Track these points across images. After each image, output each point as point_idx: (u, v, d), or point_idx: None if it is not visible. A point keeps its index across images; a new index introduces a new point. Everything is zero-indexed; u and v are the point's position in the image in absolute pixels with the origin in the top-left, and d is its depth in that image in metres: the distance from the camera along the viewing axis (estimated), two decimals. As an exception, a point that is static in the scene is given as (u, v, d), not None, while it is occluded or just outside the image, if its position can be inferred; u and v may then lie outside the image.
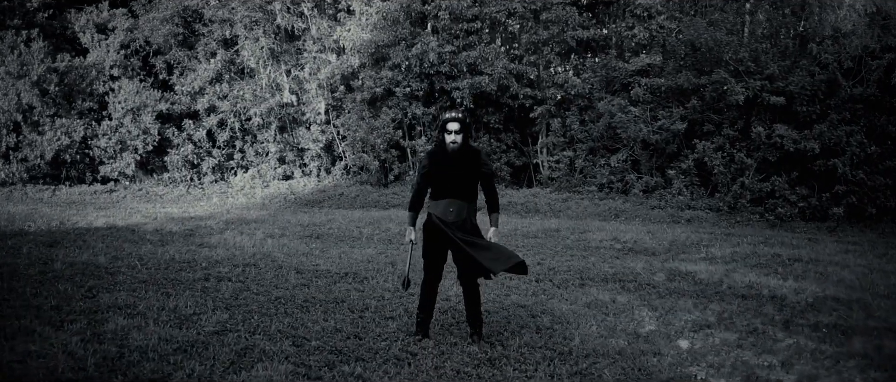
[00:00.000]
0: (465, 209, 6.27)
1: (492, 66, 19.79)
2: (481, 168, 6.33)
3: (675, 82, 18.05)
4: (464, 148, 6.25)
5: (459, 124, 6.19)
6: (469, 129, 6.40)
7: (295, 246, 11.98)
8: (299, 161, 22.14)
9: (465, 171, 6.25)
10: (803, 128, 16.73)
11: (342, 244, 12.39)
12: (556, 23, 19.85)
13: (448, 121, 6.21)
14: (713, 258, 11.95)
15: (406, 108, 20.53)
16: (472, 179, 6.30)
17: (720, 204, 16.84)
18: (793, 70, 16.92)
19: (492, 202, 6.50)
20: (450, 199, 6.22)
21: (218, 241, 12.25)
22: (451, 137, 6.18)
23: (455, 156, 6.22)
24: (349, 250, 11.60)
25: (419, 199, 6.48)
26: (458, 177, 6.22)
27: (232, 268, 9.58)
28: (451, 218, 6.21)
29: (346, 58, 21.10)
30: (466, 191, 6.26)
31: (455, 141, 6.19)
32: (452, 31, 20.43)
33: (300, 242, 12.47)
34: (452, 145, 6.20)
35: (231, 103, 21.47)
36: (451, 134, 6.18)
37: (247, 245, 11.89)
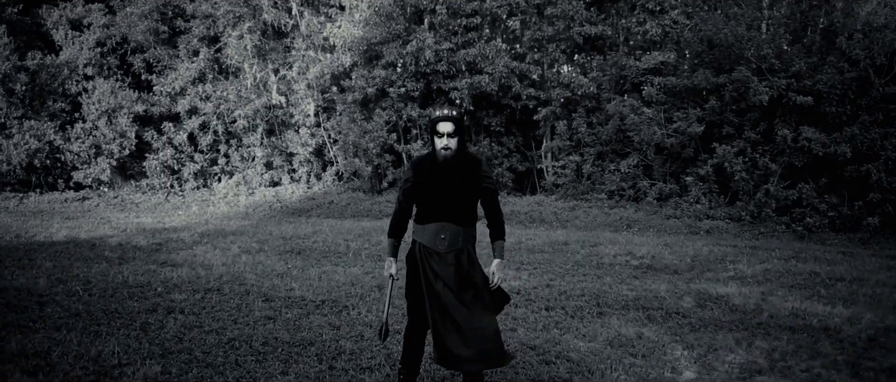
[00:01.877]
0: (461, 235, 4.86)
1: (493, 65, 18.42)
2: (482, 182, 4.88)
3: (692, 81, 16.64)
4: (460, 155, 4.82)
5: (453, 124, 4.72)
6: (466, 132, 4.94)
7: (271, 264, 10.59)
8: (287, 166, 20.78)
9: (461, 186, 4.83)
10: (833, 131, 15.32)
11: (325, 261, 10.99)
12: (562, 18, 18.47)
13: (439, 120, 4.74)
14: (743, 277, 10.56)
15: (401, 110, 19.17)
16: (470, 197, 4.89)
17: (742, 213, 15.43)
18: (820, 67, 15.51)
19: (495, 226, 5.06)
20: (441, 223, 4.82)
21: (185, 258, 10.86)
22: (443, 141, 4.73)
23: (448, 167, 4.79)
24: (332, 270, 10.20)
25: (401, 222, 5.03)
26: (451, 193, 4.82)
27: (190, 295, 8.18)
28: (443, 247, 4.81)
29: (336, 56, 19.74)
30: (462, 213, 4.86)
31: (448, 146, 4.74)
32: (450, 27, 19.06)
33: (278, 259, 11.08)
34: (445, 151, 4.74)
35: (214, 104, 20.10)
36: (443, 137, 4.72)
37: (217, 263, 10.50)
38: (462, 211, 4.84)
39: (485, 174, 4.91)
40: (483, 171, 4.90)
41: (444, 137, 4.72)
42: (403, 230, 5.06)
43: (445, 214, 4.81)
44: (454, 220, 4.82)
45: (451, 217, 4.82)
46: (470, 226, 4.90)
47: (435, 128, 4.76)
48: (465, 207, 4.85)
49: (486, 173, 4.92)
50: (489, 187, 4.92)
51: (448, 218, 4.81)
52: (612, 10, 19.25)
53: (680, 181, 17.02)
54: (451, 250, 4.81)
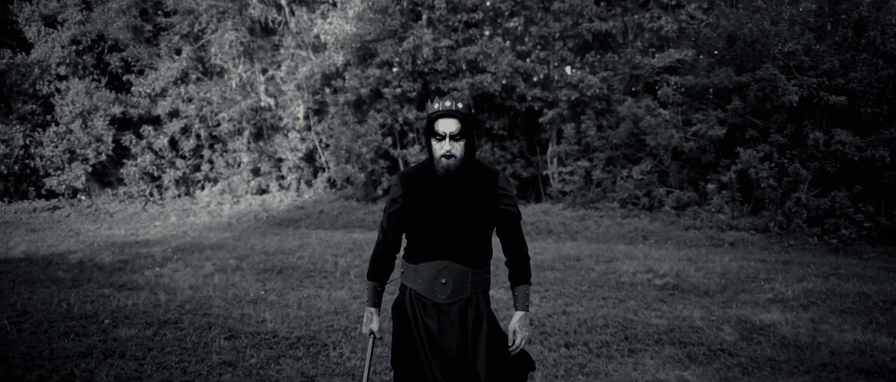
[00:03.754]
0: (469, 279, 3.49)
1: (496, 64, 17.11)
2: (500, 203, 3.52)
3: (713, 81, 15.30)
4: (468, 166, 3.46)
5: (459, 123, 3.37)
6: (475, 133, 3.59)
7: (246, 286, 9.26)
8: (276, 172, 19.45)
9: (471, 210, 3.47)
10: (868, 133, 14.00)
11: (308, 282, 9.66)
12: (570, 14, 17.17)
13: (439, 116, 3.37)
14: (784, 300, 9.24)
15: (396, 112, 17.86)
16: (483, 224, 3.52)
17: (770, 223, 14.09)
18: (853, 64, 14.18)
19: (517, 266, 3.66)
20: (441, 262, 3.45)
21: (149, 280, 9.53)
22: (445, 146, 3.36)
23: (452, 182, 3.44)
24: (314, 293, 8.87)
25: (385, 260, 3.69)
26: (456, 219, 3.45)
27: (140, 331, 6.84)
28: (444, 296, 3.45)
29: (328, 54, 18.44)
30: (471, 247, 3.50)
31: (451, 153, 3.37)
32: (450, 22, 17.75)
33: (255, 279, 9.75)
34: (447, 161, 3.38)
35: (197, 107, 18.78)
36: (445, 140, 3.36)
37: (183, 285, 9.17)
38: (471, 244, 3.49)
39: (504, 192, 3.54)
40: (501, 188, 3.53)
41: (447, 140, 3.35)
42: (389, 270, 3.73)
43: (448, 250, 3.46)
44: (460, 258, 3.46)
45: (456, 253, 3.46)
46: (481, 266, 3.54)
47: (433, 127, 3.39)
48: (475, 239, 3.50)
49: (506, 191, 3.55)
50: (510, 210, 3.56)
51: (451, 254, 3.45)
52: (622, 5, 17.93)
53: (699, 188, 15.70)
54: (455, 300, 3.46)
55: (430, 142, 3.42)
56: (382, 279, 3.68)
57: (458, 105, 3.36)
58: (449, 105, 3.34)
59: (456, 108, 3.34)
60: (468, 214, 3.45)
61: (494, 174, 3.53)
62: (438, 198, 3.44)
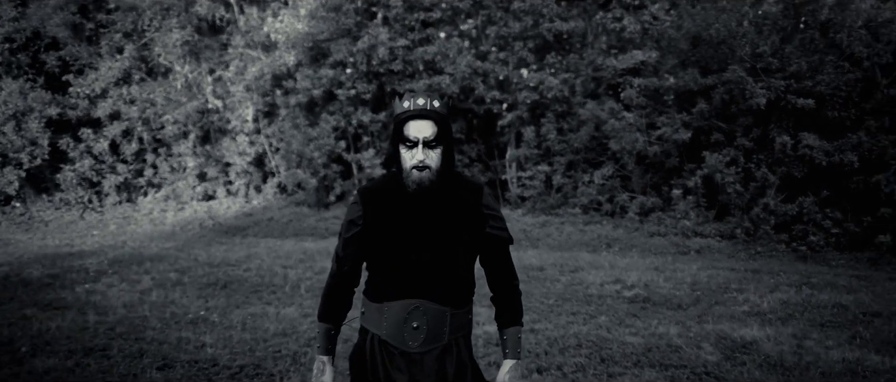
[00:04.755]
0: (447, 322, 2.80)
1: (454, 65, 16.49)
2: (486, 224, 2.86)
3: (678, 83, 14.85)
4: (444, 179, 2.78)
5: (434, 125, 2.69)
6: (452, 137, 2.86)
7: (186, 304, 8.49)
8: (223, 178, 18.57)
9: (449, 234, 2.79)
10: (835, 137, 13.66)
11: (255, 298, 8.92)
12: (530, 13, 16.62)
13: (409, 117, 2.69)
14: (761, 313, 8.78)
15: (350, 115, 17.13)
16: (465, 252, 2.84)
17: (736, 230, 13.68)
18: (820, 67, 13.83)
19: (506, 303, 2.99)
20: (412, 301, 2.77)
21: (78, 297, 8.71)
22: (418, 155, 2.68)
23: (426, 200, 2.76)
24: (261, 311, 8.14)
25: (340, 296, 2.99)
26: (431, 247, 2.77)
27: (61, 360, 6.06)
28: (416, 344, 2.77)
29: (278, 54, 17.64)
30: (450, 282, 2.81)
31: (424, 163, 2.69)
32: (407, 21, 17.09)
33: (197, 295, 8.99)
34: (420, 173, 2.70)
35: (140, 108, 17.84)
36: (417, 147, 2.69)
37: (117, 303, 8.37)
38: (450, 278, 2.80)
39: (490, 212, 2.88)
40: (487, 207, 2.88)
41: (419, 148, 2.68)
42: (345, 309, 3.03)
43: (421, 285, 2.78)
44: (436, 296, 2.78)
45: (431, 290, 2.78)
46: (462, 306, 2.86)
47: (402, 132, 2.71)
48: (454, 272, 2.81)
49: (493, 210, 2.90)
50: (498, 235, 2.90)
51: (425, 291, 2.77)
52: (582, 6, 17.41)
53: (663, 194, 15.25)
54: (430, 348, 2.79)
55: (397, 149, 2.75)
56: (337, 320, 2.99)
57: (434, 103, 2.69)
58: (422, 103, 2.68)
59: (431, 107, 2.68)
60: (446, 240, 2.78)
61: (478, 189, 2.87)
62: (409, 220, 2.77)
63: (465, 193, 2.82)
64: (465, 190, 2.83)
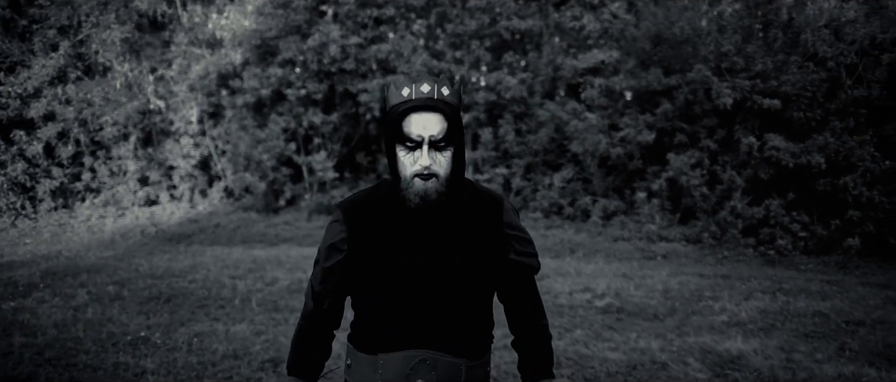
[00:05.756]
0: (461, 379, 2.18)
1: (408, 63, 15.88)
2: (509, 249, 2.26)
3: (640, 82, 14.44)
4: (454, 189, 2.16)
5: (444, 120, 2.05)
6: (463, 135, 2.21)
7: (126, 321, 7.74)
8: (166, 182, 17.67)
9: (462, 264, 2.16)
10: (800, 138, 13.39)
11: (202, 314, 8.20)
12: (487, 11, 16.10)
13: (411, 108, 2.03)
14: (741, 323, 8.38)
15: (301, 115, 16.42)
16: (482, 287, 2.23)
17: (702, 234, 13.31)
18: (785, 66, 13.54)
19: (536, 346, 2.37)
20: (416, 352, 2.14)
21: (4, 316, 7.89)
22: (422, 160, 2.04)
23: (430, 217, 2.15)
24: (209, 329, 7.43)
25: (316, 342, 2.35)
26: (439, 281, 2.14)
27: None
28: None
29: (224, 52, 16.83)
30: (464, 326, 2.20)
31: (431, 170, 2.05)
32: (359, 18, 16.43)
33: (137, 311, 8.23)
34: (425, 183, 2.06)
35: (76, 109, 16.84)
36: (421, 149, 2.05)
37: (48, 322, 7.58)
38: (463, 321, 2.19)
39: (514, 232, 2.28)
40: (509, 226, 2.28)
41: (424, 150, 2.06)
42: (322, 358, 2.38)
43: (426, 331, 2.16)
44: (446, 345, 2.16)
45: (440, 337, 2.16)
46: (479, 356, 2.25)
47: (401, 128, 2.07)
48: (469, 313, 2.20)
49: (517, 230, 2.30)
50: (524, 262, 2.29)
51: (432, 340, 2.15)
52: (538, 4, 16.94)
53: (625, 196, 14.83)
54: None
55: (393, 152, 2.11)
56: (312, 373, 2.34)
57: (443, 90, 2.07)
58: (428, 90, 2.05)
59: (439, 96, 2.06)
60: (459, 271, 2.15)
61: (497, 203, 2.26)
62: (409, 245, 2.15)
63: (480, 208, 2.21)
64: (480, 204, 2.22)
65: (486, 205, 2.22)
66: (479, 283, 2.17)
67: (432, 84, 2.06)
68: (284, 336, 7.17)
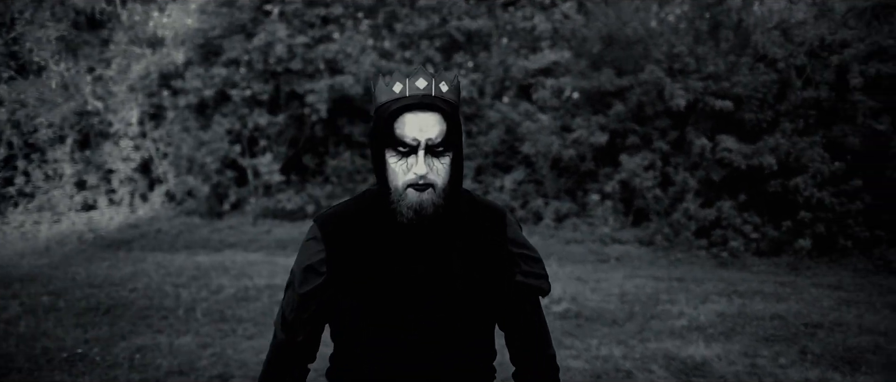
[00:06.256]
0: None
1: (357, 64, 15.54)
2: (515, 269, 1.99)
3: (592, 83, 14.33)
4: (453, 202, 1.86)
5: (443, 121, 1.79)
6: (462, 140, 1.91)
7: (61, 334, 7.29)
8: (105, 186, 17.00)
9: (462, 286, 1.87)
10: (751, 140, 13.42)
11: (144, 326, 7.78)
12: (437, 10, 15.85)
13: (405, 107, 1.76)
14: (700, 327, 8.28)
15: (246, 117, 15.95)
16: (483, 314, 1.94)
17: (656, 236, 13.25)
18: (737, 68, 13.56)
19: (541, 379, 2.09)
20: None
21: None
22: (418, 167, 1.76)
23: (424, 235, 1.87)
24: (152, 342, 7.03)
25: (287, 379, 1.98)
26: (435, 307, 1.85)
27: None
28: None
29: (166, 51, 16.28)
30: (465, 360, 1.91)
31: (427, 179, 1.78)
32: (306, 17, 16.04)
33: (75, 324, 7.78)
34: (420, 195, 1.79)
35: (9, 109, 16.11)
36: (415, 154, 1.78)
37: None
38: (464, 355, 1.92)
39: (520, 249, 2.02)
40: (514, 242, 2.02)
41: (420, 156, 1.79)
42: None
43: (421, 367, 1.87)
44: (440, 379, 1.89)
45: (437, 374, 1.88)
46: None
47: (392, 130, 1.80)
48: (470, 345, 1.94)
49: (523, 247, 2.04)
50: (532, 284, 2.04)
51: (426, 376, 1.87)
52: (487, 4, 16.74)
53: (577, 198, 14.71)
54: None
55: (381, 158, 1.84)
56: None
57: (442, 86, 1.81)
58: (424, 86, 1.78)
59: (438, 93, 1.79)
60: (459, 297, 1.88)
61: (499, 217, 2.00)
62: (400, 268, 1.86)
63: (481, 223, 1.93)
64: (480, 218, 1.94)
65: (486, 220, 1.96)
66: (481, 310, 1.89)
67: (429, 78, 1.80)
68: (232, 348, 6.81)
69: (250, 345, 6.93)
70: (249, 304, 8.87)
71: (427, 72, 1.81)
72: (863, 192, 12.69)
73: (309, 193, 16.18)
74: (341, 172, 16.36)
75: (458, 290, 1.85)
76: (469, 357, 1.88)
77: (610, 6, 14.99)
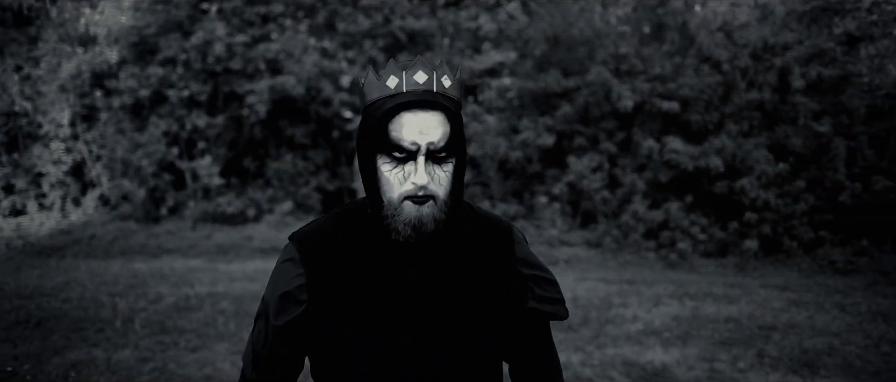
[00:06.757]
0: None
1: (299, 64, 15.18)
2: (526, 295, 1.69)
3: (538, 84, 14.22)
4: (454, 216, 1.59)
5: (446, 121, 1.51)
6: (465, 145, 1.62)
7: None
8: (34, 190, 16.34)
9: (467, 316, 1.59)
10: (697, 141, 13.47)
11: (78, 339, 7.35)
12: (380, 10, 15.58)
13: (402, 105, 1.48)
14: (656, 331, 8.19)
15: (183, 118, 15.47)
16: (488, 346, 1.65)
17: (605, 238, 13.19)
18: (682, 69, 13.59)
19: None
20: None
21: None
22: (417, 176, 1.49)
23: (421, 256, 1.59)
24: (87, 357, 6.62)
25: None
26: (436, 340, 1.57)
27: None
28: None
29: (99, 50, 15.71)
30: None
31: (428, 190, 1.50)
32: (246, 15, 15.62)
33: (4, 338, 7.31)
34: (419, 208, 1.51)
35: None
36: (414, 161, 1.51)
37: None
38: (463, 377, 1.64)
39: (532, 270, 1.74)
40: (524, 262, 1.74)
41: (421, 162, 1.51)
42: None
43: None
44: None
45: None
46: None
47: (387, 133, 1.52)
48: (472, 378, 1.65)
49: (535, 268, 1.76)
50: (547, 311, 1.76)
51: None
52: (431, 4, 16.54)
53: (524, 201, 14.59)
54: None
55: (372, 165, 1.56)
56: None
57: (444, 80, 1.54)
58: (424, 81, 1.52)
59: (440, 89, 1.53)
60: (461, 328, 1.62)
61: (506, 233, 1.74)
62: (395, 294, 1.59)
63: (485, 241, 1.68)
64: (484, 234, 1.69)
65: (491, 236, 1.69)
66: (489, 342, 1.63)
67: (430, 71, 1.53)
68: (175, 362, 6.45)
69: (194, 359, 6.59)
70: (191, 314, 8.49)
71: (427, 64, 1.54)
72: (806, 193, 12.81)
73: (250, 196, 15.77)
74: (283, 175, 15.98)
75: (461, 320, 1.60)
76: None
77: (556, 6, 14.92)
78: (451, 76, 1.54)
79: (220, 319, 8.15)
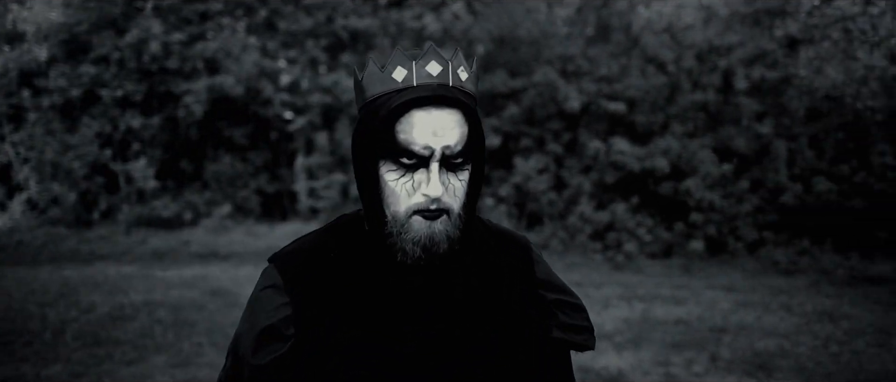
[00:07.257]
0: None
1: (238, 63, 14.84)
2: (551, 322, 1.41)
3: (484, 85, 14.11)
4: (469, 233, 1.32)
5: (464, 121, 1.24)
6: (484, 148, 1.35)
7: None
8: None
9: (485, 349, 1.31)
10: (642, 142, 13.51)
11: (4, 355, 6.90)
12: (322, 9, 15.31)
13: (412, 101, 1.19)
14: (608, 335, 8.08)
15: (117, 118, 15.06)
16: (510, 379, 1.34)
17: (551, 239, 13.13)
18: (628, 70, 13.62)
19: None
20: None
21: None
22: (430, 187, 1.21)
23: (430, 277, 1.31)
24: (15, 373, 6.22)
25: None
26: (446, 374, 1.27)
27: None
28: None
29: (27, 47, 15.19)
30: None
31: (442, 202, 1.23)
32: (183, 13, 15.24)
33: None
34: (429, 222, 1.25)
35: None
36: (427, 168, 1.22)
37: None
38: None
39: (557, 294, 1.47)
40: (547, 284, 1.47)
41: (434, 170, 1.23)
42: None
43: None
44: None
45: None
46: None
47: (394, 134, 1.22)
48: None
49: (560, 292, 1.48)
50: (573, 341, 1.48)
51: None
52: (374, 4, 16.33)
53: (467, 203, 14.48)
54: None
55: (374, 173, 1.29)
56: None
57: (460, 72, 1.26)
58: (438, 73, 1.24)
59: (456, 83, 1.25)
60: (478, 363, 1.34)
61: (523, 250, 1.49)
62: (399, 326, 1.33)
63: (502, 260, 1.44)
64: (500, 253, 1.45)
65: (508, 255, 1.45)
66: (510, 378, 1.39)
67: (444, 62, 1.26)
68: (109, 377, 6.11)
69: (130, 372, 6.24)
70: (126, 324, 8.11)
71: (439, 54, 1.26)
72: (749, 194, 12.94)
73: (187, 199, 15.38)
74: (221, 177, 15.63)
75: (479, 352, 1.35)
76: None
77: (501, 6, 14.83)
78: (467, 68, 1.28)
79: (158, 329, 7.80)
